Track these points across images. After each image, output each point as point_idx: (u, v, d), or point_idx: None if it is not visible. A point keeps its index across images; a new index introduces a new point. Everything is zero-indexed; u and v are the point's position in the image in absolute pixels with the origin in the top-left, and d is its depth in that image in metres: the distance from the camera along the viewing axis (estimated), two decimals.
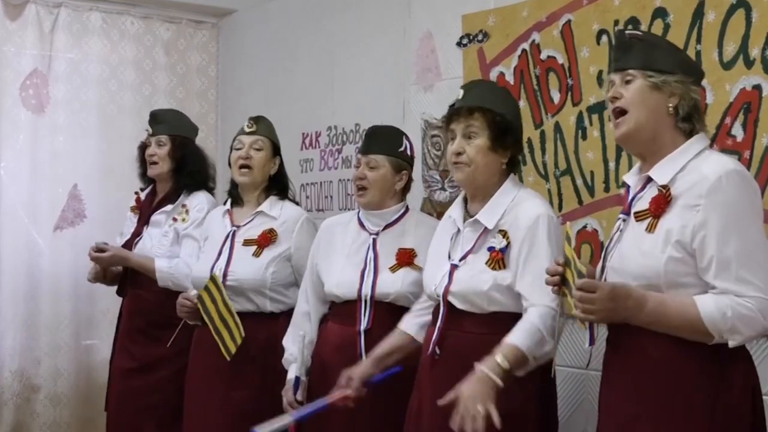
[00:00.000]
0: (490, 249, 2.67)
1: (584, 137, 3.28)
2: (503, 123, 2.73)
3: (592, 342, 2.31)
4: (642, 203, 2.27)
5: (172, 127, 3.97)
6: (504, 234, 2.67)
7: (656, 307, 2.14)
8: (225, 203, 3.66)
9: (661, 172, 2.25)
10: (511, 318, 2.62)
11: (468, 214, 2.78)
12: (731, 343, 2.12)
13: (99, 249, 3.89)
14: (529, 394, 2.63)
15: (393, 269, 3.13)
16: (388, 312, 3.12)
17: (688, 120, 2.27)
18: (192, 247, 3.80)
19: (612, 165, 3.17)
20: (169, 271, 3.81)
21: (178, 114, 4.18)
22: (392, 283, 3.11)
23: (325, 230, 3.36)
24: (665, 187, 2.21)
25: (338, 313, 3.24)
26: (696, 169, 2.20)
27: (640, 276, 2.19)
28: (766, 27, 2.74)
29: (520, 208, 2.69)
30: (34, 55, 4.72)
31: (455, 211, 2.83)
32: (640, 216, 2.25)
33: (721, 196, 2.12)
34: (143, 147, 4.04)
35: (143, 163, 4.03)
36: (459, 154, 2.73)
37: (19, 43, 4.69)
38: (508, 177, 2.78)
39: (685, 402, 2.16)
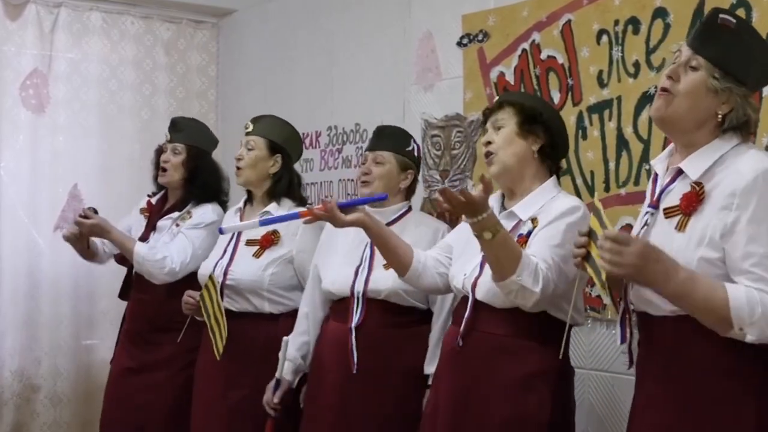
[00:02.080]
0: (519, 236, 2.64)
1: (584, 137, 3.28)
2: (531, 111, 2.72)
3: (623, 340, 2.23)
4: (672, 198, 2.16)
5: (189, 137, 3.96)
6: (534, 221, 2.65)
7: (686, 281, 2.01)
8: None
9: (693, 166, 2.14)
10: (535, 318, 2.59)
11: (504, 208, 2.76)
12: (749, 338, 2.00)
13: (84, 215, 3.82)
14: (543, 397, 2.59)
15: (387, 266, 3.10)
16: (381, 309, 3.14)
17: (734, 131, 2.15)
18: (182, 244, 3.79)
19: (612, 165, 3.17)
20: (144, 257, 3.76)
21: (198, 124, 4.14)
22: (384, 281, 3.11)
23: (328, 231, 3.37)
24: (698, 185, 2.11)
25: (335, 310, 3.27)
26: (731, 164, 2.09)
27: None
28: (767, 27, 2.74)
29: (557, 201, 2.67)
30: (34, 55, 4.72)
31: (492, 202, 2.75)
32: (669, 212, 2.15)
33: (756, 196, 2.02)
34: (159, 151, 4.04)
35: (157, 166, 4.03)
36: (489, 143, 2.73)
37: (19, 43, 4.68)
38: (551, 177, 2.75)
39: (733, 406, 2.05)
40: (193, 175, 3.93)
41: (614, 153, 3.17)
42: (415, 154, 3.34)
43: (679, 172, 2.18)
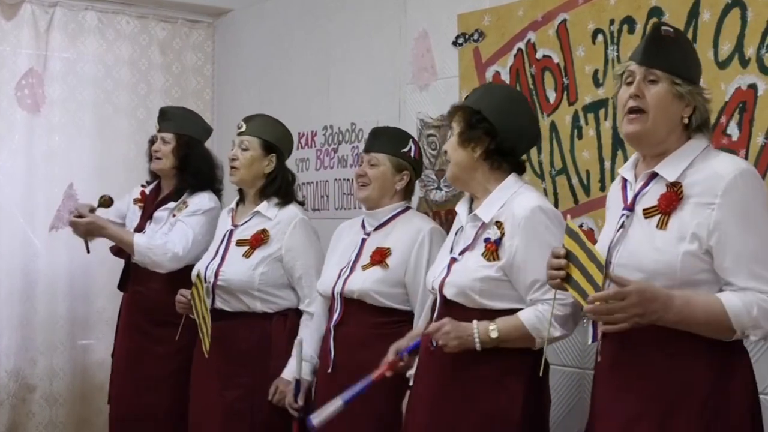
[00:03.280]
0: (486, 240, 2.69)
1: (580, 136, 3.28)
2: (471, 117, 2.75)
3: (595, 338, 2.30)
4: (649, 199, 2.27)
5: (178, 126, 3.96)
6: (499, 225, 2.68)
7: (683, 306, 2.11)
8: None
9: (669, 169, 2.25)
10: (502, 315, 2.63)
11: (471, 210, 2.81)
12: (753, 338, 2.14)
13: (78, 215, 3.83)
14: (514, 394, 2.62)
15: (365, 267, 3.18)
16: (358, 309, 3.18)
17: (698, 130, 2.28)
18: (182, 230, 3.80)
19: (607, 164, 3.17)
20: (147, 246, 3.77)
21: (187, 113, 4.14)
22: (357, 281, 3.16)
23: (337, 233, 3.46)
24: (676, 185, 2.21)
25: (330, 311, 3.32)
26: (707, 166, 2.21)
27: (654, 272, 2.16)
28: (761, 26, 2.74)
29: (515, 200, 2.70)
30: (29, 55, 4.71)
31: (461, 207, 2.86)
32: (649, 213, 2.25)
33: (737, 195, 2.14)
34: (152, 142, 4.04)
35: (151, 158, 4.03)
36: (445, 152, 2.83)
37: (15, 43, 4.68)
38: (510, 175, 2.78)
39: (692, 398, 2.14)
40: (184, 164, 3.94)
41: (610, 152, 3.17)
42: (412, 154, 3.34)
43: (653, 176, 2.29)
